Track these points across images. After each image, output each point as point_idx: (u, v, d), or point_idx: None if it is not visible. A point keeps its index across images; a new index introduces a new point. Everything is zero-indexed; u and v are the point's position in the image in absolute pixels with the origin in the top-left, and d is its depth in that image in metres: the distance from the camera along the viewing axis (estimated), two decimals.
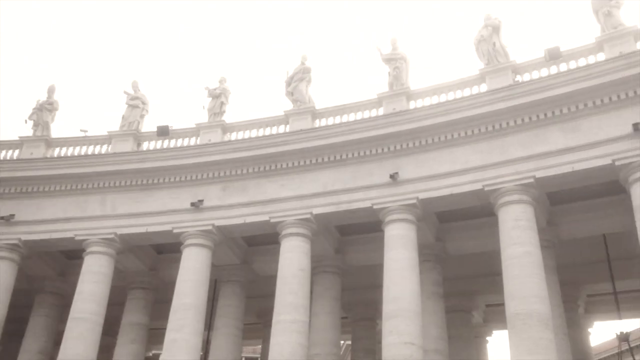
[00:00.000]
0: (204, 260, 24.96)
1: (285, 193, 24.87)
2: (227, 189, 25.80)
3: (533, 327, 19.14)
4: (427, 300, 23.53)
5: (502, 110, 22.22)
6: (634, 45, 20.98)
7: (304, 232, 24.10)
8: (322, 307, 25.67)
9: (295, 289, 22.96)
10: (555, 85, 21.49)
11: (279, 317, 22.52)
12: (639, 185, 19.57)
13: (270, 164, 25.45)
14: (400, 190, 23.17)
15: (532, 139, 21.76)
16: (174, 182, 26.52)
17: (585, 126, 20.97)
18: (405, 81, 25.06)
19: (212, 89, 28.14)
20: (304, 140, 25.16)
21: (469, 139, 22.82)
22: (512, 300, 19.93)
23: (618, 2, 21.96)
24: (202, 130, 27.29)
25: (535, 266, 20.27)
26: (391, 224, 22.96)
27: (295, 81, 26.71)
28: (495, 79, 22.94)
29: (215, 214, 25.34)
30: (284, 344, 21.88)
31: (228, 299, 27.60)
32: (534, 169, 21.30)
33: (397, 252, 22.37)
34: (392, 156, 23.88)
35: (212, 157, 26.07)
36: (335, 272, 26.71)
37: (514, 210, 21.20)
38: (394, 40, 25.90)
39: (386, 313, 21.51)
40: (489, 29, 23.85)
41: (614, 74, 20.56)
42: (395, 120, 23.93)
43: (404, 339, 20.55)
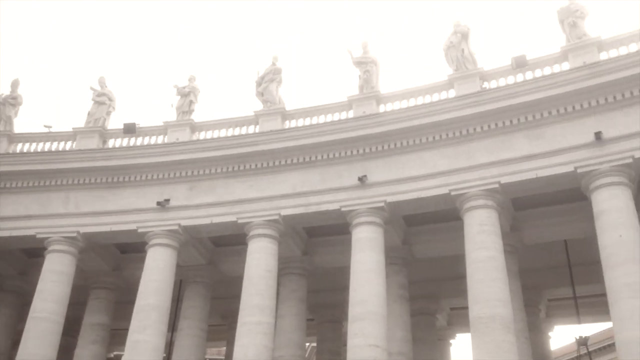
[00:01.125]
0: (168, 261, 24.66)
1: (253, 194, 24.76)
2: (195, 188, 25.56)
3: (495, 331, 19.43)
4: (393, 303, 23.69)
5: (470, 116, 22.55)
6: (597, 56, 21.52)
7: (272, 233, 24.02)
8: (288, 309, 25.62)
9: (262, 291, 22.86)
10: (521, 93, 21.91)
11: (245, 319, 22.39)
12: (600, 192, 20.07)
13: (239, 164, 25.31)
14: (369, 193, 23.30)
15: (498, 145, 22.13)
16: (140, 181, 26.15)
17: (549, 134, 21.42)
18: (375, 85, 25.22)
19: (181, 87, 27.85)
20: (273, 141, 25.10)
21: (437, 144, 23.09)
22: (475, 304, 20.21)
23: (583, 13, 22.52)
24: (170, 129, 26.98)
25: (499, 270, 20.60)
26: (359, 226, 23.07)
27: (265, 82, 26.62)
28: (464, 85, 23.27)
29: (181, 213, 25.07)
30: (249, 345, 21.76)
31: (193, 300, 27.32)
32: (499, 175, 21.66)
33: (364, 255, 22.48)
34: (361, 159, 24.01)
35: (179, 156, 25.79)
36: (302, 273, 26.69)
37: (479, 215, 21.52)
38: (365, 44, 26.06)
39: (352, 315, 21.58)
40: (458, 36, 24.19)
41: (577, 84, 21.07)
42: (364, 123, 24.07)
43: (369, 341, 20.65)
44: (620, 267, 18.64)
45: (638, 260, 18.63)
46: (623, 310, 18.12)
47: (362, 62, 25.69)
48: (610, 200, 19.75)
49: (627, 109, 20.45)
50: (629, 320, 17.85)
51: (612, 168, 19.94)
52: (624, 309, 18.09)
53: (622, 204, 19.61)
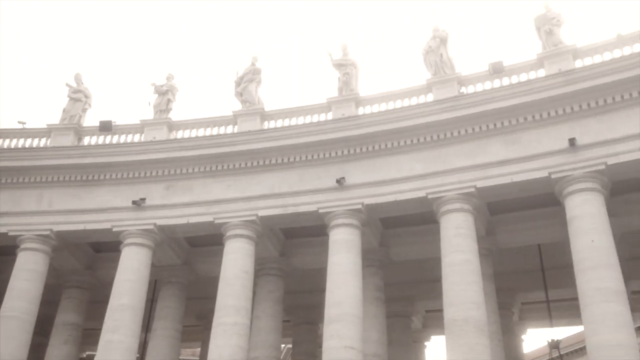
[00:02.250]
0: (143, 260, 24.41)
1: (231, 194, 24.65)
2: (171, 188, 25.36)
3: (469, 333, 19.61)
4: (369, 305, 23.77)
5: (447, 121, 22.75)
6: (572, 63, 21.88)
7: (249, 234, 23.93)
8: (264, 310, 25.54)
9: (238, 291, 22.76)
10: (498, 99, 22.19)
11: (220, 320, 22.26)
12: (573, 198, 20.39)
13: (217, 164, 25.18)
14: (346, 195, 23.36)
15: (474, 150, 22.37)
16: (116, 179, 25.86)
17: (524, 139, 21.71)
18: (354, 87, 25.31)
19: (158, 85, 27.62)
20: (252, 141, 25.03)
21: (415, 147, 23.24)
22: (450, 307, 20.37)
23: (559, 20, 22.90)
24: (146, 127, 26.73)
25: (474, 273, 20.80)
26: (336, 228, 23.11)
27: (245, 82, 26.54)
28: (442, 89, 23.48)
29: (157, 213, 24.85)
30: (224, 346, 21.64)
31: (167, 300, 27.09)
32: (476, 179, 21.88)
33: (341, 257, 22.53)
34: (339, 161, 24.06)
35: (156, 154, 25.56)
36: (279, 274, 26.63)
37: (456, 219, 21.71)
38: (345, 46, 26.14)
39: (328, 317, 21.60)
40: (437, 41, 24.39)
41: (552, 90, 21.39)
42: (343, 125, 24.13)
43: (345, 343, 20.69)
44: (592, 271, 18.95)
45: (609, 265, 18.98)
46: (594, 314, 18.41)
47: (341, 64, 25.76)
48: (583, 205, 20.09)
49: (601, 116, 20.83)
50: (600, 324, 18.15)
51: (586, 174, 20.28)
52: (595, 313, 18.39)
53: (594, 210, 19.96)
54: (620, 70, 20.54)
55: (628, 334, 18.12)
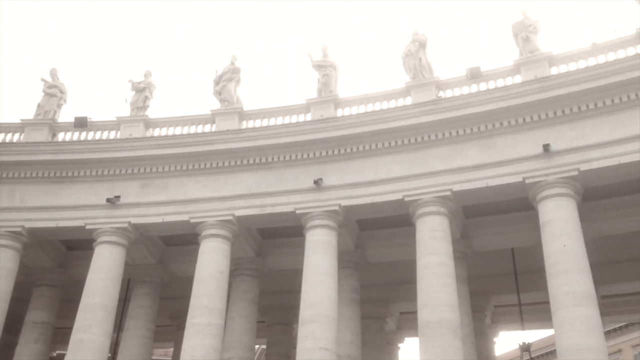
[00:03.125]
0: (117, 259, 24.12)
1: (207, 193, 24.50)
2: (147, 186, 25.12)
3: (443, 335, 19.76)
4: (344, 306, 23.82)
5: (425, 124, 22.92)
6: (548, 70, 22.23)
7: (225, 234, 23.80)
8: (238, 311, 25.42)
9: (212, 292, 22.61)
10: (475, 103, 22.43)
11: (193, 320, 22.09)
12: (546, 203, 20.70)
13: (194, 163, 25.00)
14: (324, 197, 23.38)
15: (451, 153, 22.57)
16: (90, 177, 25.54)
17: (500, 144, 21.98)
18: (334, 89, 25.35)
19: (136, 82, 27.32)
20: (229, 140, 24.91)
21: (393, 150, 23.37)
22: (424, 309, 20.51)
23: (536, 28, 23.24)
24: (123, 124, 26.42)
25: (448, 276, 20.97)
26: (313, 229, 23.11)
27: (224, 81, 26.40)
28: (420, 93, 23.64)
29: (132, 211, 24.59)
30: (197, 347, 21.48)
31: (141, 300, 26.81)
32: (452, 183, 22.08)
33: (317, 258, 22.53)
34: (317, 162, 24.08)
35: (132, 152, 25.30)
36: (255, 275, 26.52)
37: (432, 221, 21.87)
38: (325, 48, 26.17)
39: (303, 318, 21.58)
40: (416, 44, 24.57)
41: (528, 96, 21.70)
42: (322, 126, 24.16)
43: (319, 344, 20.69)
44: (563, 275, 19.25)
45: (580, 270, 19.30)
46: (564, 318, 18.70)
47: (321, 65, 25.78)
48: (556, 210, 20.40)
49: (575, 123, 21.20)
50: (570, 327, 18.44)
51: (559, 180, 20.61)
52: (566, 316, 18.68)
53: (567, 215, 20.29)
54: (594, 79, 20.93)
55: (597, 337, 18.44)
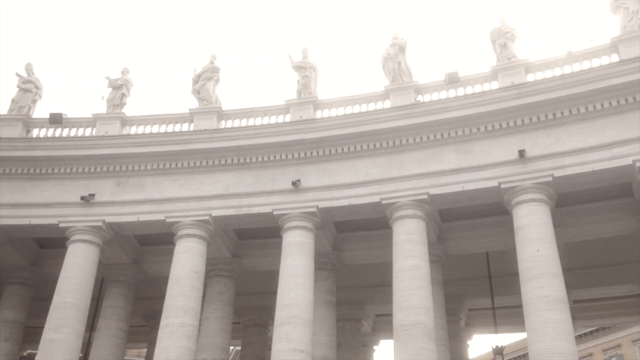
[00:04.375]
0: (90, 258, 23.78)
1: (184, 193, 24.32)
2: (122, 184, 24.83)
3: (417, 338, 19.88)
4: (320, 308, 23.82)
5: (403, 127, 23.05)
6: (524, 77, 22.54)
7: (201, 234, 23.64)
8: (213, 312, 25.25)
9: (187, 292, 22.42)
10: (453, 108, 22.63)
11: (168, 320, 21.87)
12: (521, 208, 20.96)
13: (171, 162, 24.79)
14: (301, 198, 23.36)
15: (428, 157, 22.73)
16: (64, 174, 25.16)
17: (476, 149, 22.21)
18: (313, 90, 25.36)
19: (113, 79, 27.00)
20: (207, 140, 24.77)
21: (371, 152, 23.46)
22: (399, 311, 20.61)
23: (513, 35, 23.56)
24: (99, 122, 26.10)
25: (424, 279, 21.10)
26: (290, 230, 23.07)
27: (202, 79, 26.23)
28: (399, 96, 23.78)
29: (107, 209, 24.29)
30: (171, 348, 21.27)
31: (114, 300, 26.47)
32: (429, 186, 22.23)
33: (293, 259, 22.50)
34: (295, 163, 24.05)
35: (107, 150, 25.01)
36: (230, 276, 26.37)
37: (408, 224, 21.99)
38: (305, 49, 26.18)
39: (278, 319, 21.52)
40: (396, 48, 24.71)
41: (505, 102, 21.97)
42: (301, 128, 24.15)
43: (294, 346, 20.65)
44: (536, 280, 19.50)
45: (553, 274, 19.58)
46: (537, 321, 18.94)
47: (301, 66, 25.78)
48: (530, 215, 20.68)
49: (550, 130, 21.52)
50: (542, 331, 18.69)
51: (533, 185, 20.90)
52: (538, 320, 18.91)
53: (540, 220, 20.56)
54: (570, 86, 21.28)
55: (568, 341, 18.70)
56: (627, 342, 48.58)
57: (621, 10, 22.06)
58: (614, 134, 20.52)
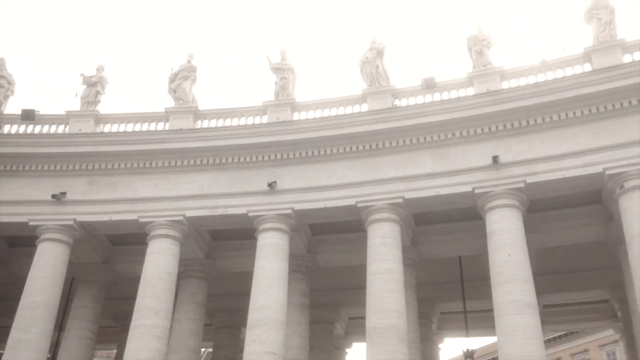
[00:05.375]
0: (60, 257, 23.40)
1: (158, 192, 24.08)
2: (95, 183, 24.50)
3: (390, 341, 19.97)
4: (293, 310, 23.78)
5: (380, 131, 23.18)
6: (499, 84, 22.86)
7: (174, 234, 23.42)
8: (185, 313, 25.03)
9: (159, 293, 22.18)
10: (429, 113, 22.84)
11: (138, 322, 21.61)
12: (493, 213, 21.24)
13: (145, 161, 24.53)
14: (277, 200, 23.32)
15: (404, 161, 22.88)
16: (36, 171, 24.75)
17: (451, 154, 22.44)
18: (291, 92, 25.34)
19: (87, 76, 26.62)
20: (183, 140, 24.58)
21: (347, 155, 23.53)
22: (373, 314, 20.68)
23: (489, 42, 23.90)
24: (72, 119, 25.70)
25: (397, 282, 21.22)
26: (265, 232, 23.00)
27: (179, 79, 26.01)
28: (376, 100, 23.91)
29: (78, 208, 23.94)
30: (141, 349, 21.02)
31: (84, 300, 26.09)
32: (404, 190, 22.38)
33: (268, 261, 22.43)
34: (271, 165, 24.00)
35: (80, 148, 24.66)
36: (203, 277, 26.18)
37: (383, 228, 22.10)
38: (283, 51, 26.14)
39: (251, 321, 21.42)
40: (374, 52, 24.84)
41: (480, 109, 22.25)
42: (278, 129, 24.11)
43: (266, 348, 20.57)
44: (507, 284, 19.75)
45: (524, 279, 19.86)
46: (507, 325, 19.18)
47: (279, 68, 25.74)
48: (502, 221, 20.95)
49: (523, 137, 21.85)
50: (512, 335, 18.92)
51: (506, 191, 21.19)
52: (508, 324, 19.16)
53: (512, 226, 20.85)
54: (543, 94, 21.65)
55: (538, 345, 18.99)
56: (594, 347, 49.54)
57: (594, 20, 22.53)
58: (585, 141, 20.93)
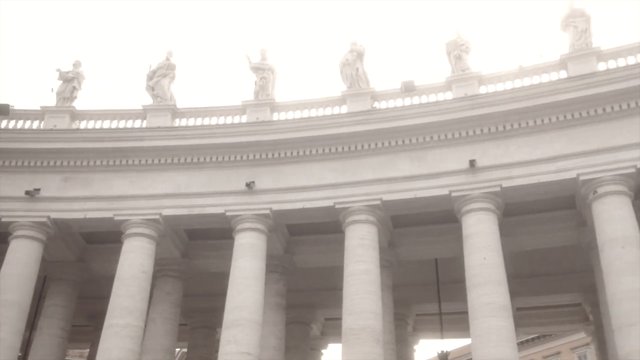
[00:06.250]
0: (33, 254, 23.03)
1: (134, 191, 23.84)
2: (70, 180, 24.15)
3: (366, 342, 20.04)
4: (270, 310, 23.73)
5: (359, 133, 23.27)
6: (477, 89, 23.11)
7: (150, 233, 23.21)
8: (160, 313, 24.79)
9: (134, 292, 21.95)
10: (408, 116, 22.99)
11: (111, 321, 21.37)
12: (470, 216, 21.46)
13: (121, 158, 24.28)
14: (255, 200, 23.26)
15: (382, 164, 23.00)
16: (9, 167, 24.34)
17: (429, 157, 22.62)
18: (270, 92, 25.29)
19: (64, 71, 26.22)
20: (161, 138, 24.40)
21: (326, 157, 23.57)
22: (349, 315, 20.74)
23: (468, 47, 24.15)
24: (47, 115, 25.32)
25: (374, 284, 21.31)
26: (242, 232, 22.91)
27: (157, 76, 25.78)
28: (355, 102, 24.00)
29: (52, 205, 23.58)
30: (114, 349, 20.79)
31: (57, 298, 25.69)
32: (382, 192, 22.49)
33: (245, 261, 22.35)
34: (250, 165, 23.93)
35: (55, 144, 24.31)
36: (179, 276, 25.95)
37: (360, 229, 22.19)
38: (264, 51, 26.07)
39: (227, 322, 21.32)
40: (354, 54, 24.92)
41: (458, 113, 22.47)
42: (257, 129, 24.06)
43: (241, 348, 20.49)
44: (482, 287, 19.98)
45: (498, 282, 20.11)
46: (482, 328, 19.39)
47: (259, 68, 25.66)
48: (478, 224, 21.19)
49: (499, 141, 22.13)
50: (486, 337, 19.14)
51: (482, 195, 21.43)
52: (483, 327, 19.37)
53: (488, 229, 21.10)
54: (520, 100, 21.95)
55: (511, 348, 19.23)
56: (566, 350, 50.31)
57: (571, 28, 22.92)
58: (559, 147, 21.28)
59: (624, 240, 19.22)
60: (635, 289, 18.38)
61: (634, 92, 20.77)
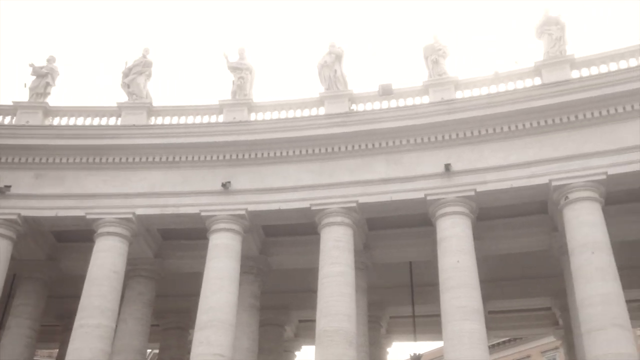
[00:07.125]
0: (2, 252, 22.58)
1: (107, 189, 23.52)
2: (41, 177, 23.73)
3: (339, 344, 20.06)
4: (243, 312, 23.60)
5: (336, 135, 23.31)
6: (453, 94, 23.33)
7: (123, 232, 22.91)
8: (131, 313, 24.49)
9: (105, 292, 21.64)
10: (385, 119, 23.10)
11: (82, 321, 21.03)
12: (444, 220, 21.64)
13: (95, 156, 23.93)
14: (231, 200, 23.13)
15: (359, 166, 23.07)
16: None
17: (405, 160, 22.76)
18: (248, 92, 25.17)
19: (37, 66, 25.74)
20: (135, 136, 24.11)
21: (303, 158, 23.55)
22: (323, 317, 20.74)
23: (445, 52, 24.37)
24: (20, 110, 24.85)
25: (348, 286, 21.35)
26: (217, 232, 22.76)
27: (133, 73, 25.48)
28: (333, 104, 24.03)
29: (23, 202, 23.13)
30: (84, 349, 20.46)
31: (26, 297, 25.21)
32: (358, 195, 22.56)
33: (219, 262, 22.19)
34: (226, 165, 23.79)
35: (27, 140, 23.86)
36: (152, 277, 25.67)
37: (336, 231, 22.21)
38: (242, 50, 25.95)
39: (200, 323, 21.14)
40: (332, 56, 24.96)
41: (434, 117, 22.66)
42: (234, 129, 23.93)
43: (214, 350, 20.33)
44: (455, 290, 20.15)
45: (471, 285, 20.30)
46: (454, 331, 19.55)
47: (237, 67, 25.53)
48: (452, 228, 21.37)
49: (474, 146, 22.37)
50: (458, 340, 19.29)
51: (457, 199, 21.63)
52: (455, 330, 19.53)
53: (462, 233, 21.29)
54: (495, 105, 22.23)
55: (482, 351, 19.42)
56: (536, 353, 51.02)
57: (545, 36, 23.30)
58: (533, 153, 21.59)
59: (594, 245, 19.56)
60: (604, 293, 18.72)
61: (606, 100, 21.19)
